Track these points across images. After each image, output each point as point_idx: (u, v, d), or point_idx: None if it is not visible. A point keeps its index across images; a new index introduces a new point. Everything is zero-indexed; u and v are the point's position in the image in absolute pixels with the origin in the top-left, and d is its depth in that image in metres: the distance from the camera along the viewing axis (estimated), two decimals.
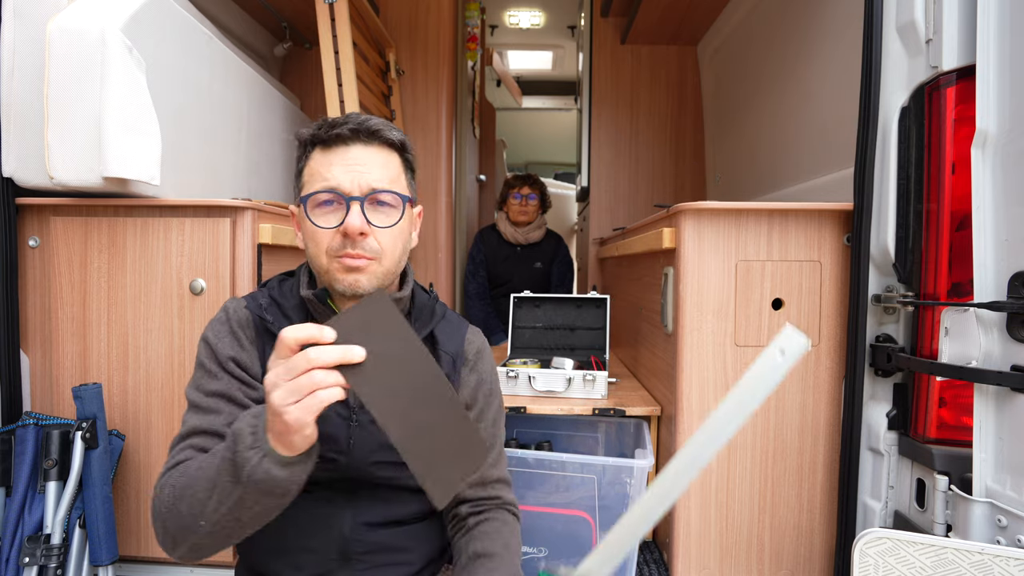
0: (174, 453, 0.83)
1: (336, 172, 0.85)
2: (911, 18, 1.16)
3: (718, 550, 1.36)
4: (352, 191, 0.85)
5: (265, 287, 0.97)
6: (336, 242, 0.85)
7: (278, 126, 2.16)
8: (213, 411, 0.85)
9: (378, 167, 0.88)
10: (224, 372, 0.87)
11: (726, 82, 2.79)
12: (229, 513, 0.71)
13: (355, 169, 0.86)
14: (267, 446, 0.67)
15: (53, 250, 1.32)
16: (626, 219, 3.19)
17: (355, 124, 0.87)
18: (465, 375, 1.00)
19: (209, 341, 0.88)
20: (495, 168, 4.41)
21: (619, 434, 1.72)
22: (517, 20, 4.51)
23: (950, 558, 0.90)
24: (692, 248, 1.35)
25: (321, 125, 0.89)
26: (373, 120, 0.89)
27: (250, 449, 0.67)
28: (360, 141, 0.87)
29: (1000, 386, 0.97)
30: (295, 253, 1.59)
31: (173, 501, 0.75)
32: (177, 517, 0.74)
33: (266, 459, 0.67)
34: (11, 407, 1.32)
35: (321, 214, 0.86)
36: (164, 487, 0.78)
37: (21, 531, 1.20)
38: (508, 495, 1.00)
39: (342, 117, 0.89)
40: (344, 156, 0.87)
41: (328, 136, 0.87)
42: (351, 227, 0.83)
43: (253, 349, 0.90)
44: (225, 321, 0.90)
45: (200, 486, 0.72)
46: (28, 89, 1.28)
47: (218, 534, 0.73)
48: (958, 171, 1.10)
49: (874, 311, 1.26)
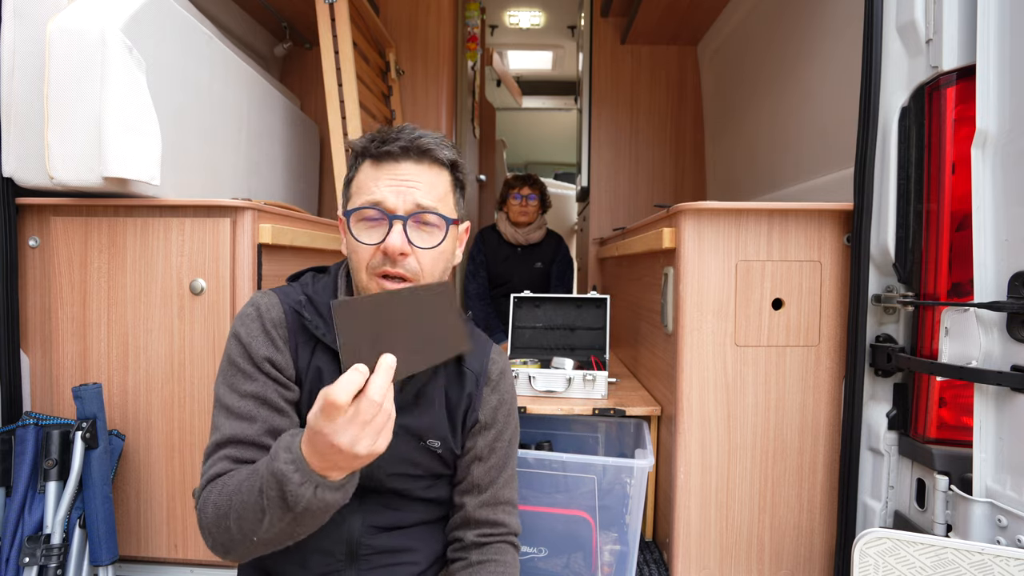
0: (210, 463, 0.82)
1: (383, 188, 0.85)
2: (911, 18, 1.16)
3: (718, 550, 1.36)
4: (396, 209, 0.84)
5: (297, 283, 0.96)
6: (376, 259, 0.85)
7: (278, 126, 2.16)
8: (247, 418, 0.84)
9: (426, 185, 0.87)
10: (260, 373, 0.85)
11: (726, 82, 2.79)
12: (283, 531, 0.72)
13: (402, 186, 0.85)
14: (317, 477, 0.68)
15: (53, 250, 1.32)
16: (626, 219, 3.19)
17: (406, 141, 0.86)
18: (487, 395, 0.99)
19: (242, 339, 0.87)
20: (495, 168, 4.41)
21: (619, 434, 1.71)
22: (517, 20, 4.51)
23: (950, 558, 0.90)
24: (692, 248, 1.35)
25: (374, 138, 0.88)
26: (426, 137, 0.88)
27: (301, 486, 0.67)
28: (410, 158, 0.87)
29: (1000, 386, 0.97)
30: (296, 253, 1.59)
31: (218, 519, 0.76)
32: (226, 533, 0.75)
33: (319, 489, 0.68)
34: (11, 407, 1.32)
35: (364, 229, 0.86)
36: (207, 504, 0.78)
37: (21, 531, 1.20)
38: (513, 522, 1.00)
39: (394, 131, 0.88)
40: (393, 172, 0.86)
41: (378, 152, 0.86)
42: (391, 247, 0.83)
43: (287, 350, 0.88)
44: (257, 318, 0.88)
45: (248, 512, 0.73)
46: (28, 89, 1.28)
47: (272, 544, 0.75)
48: (958, 171, 1.10)
49: (874, 311, 1.26)
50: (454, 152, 0.92)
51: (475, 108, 3.56)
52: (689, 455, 1.35)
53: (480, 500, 0.96)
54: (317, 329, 0.89)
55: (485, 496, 0.96)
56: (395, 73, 2.71)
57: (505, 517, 0.98)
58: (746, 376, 1.35)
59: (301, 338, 0.89)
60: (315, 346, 0.90)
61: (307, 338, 0.90)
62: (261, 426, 0.84)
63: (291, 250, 1.56)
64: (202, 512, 0.79)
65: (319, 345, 0.90)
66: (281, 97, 2.20)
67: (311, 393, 0.90)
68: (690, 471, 1.35)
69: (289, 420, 0.88)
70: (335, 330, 0.67)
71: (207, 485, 0.80)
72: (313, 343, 0.90)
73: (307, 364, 0.89)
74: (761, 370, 1.35)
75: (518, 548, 1.01)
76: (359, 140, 0.90)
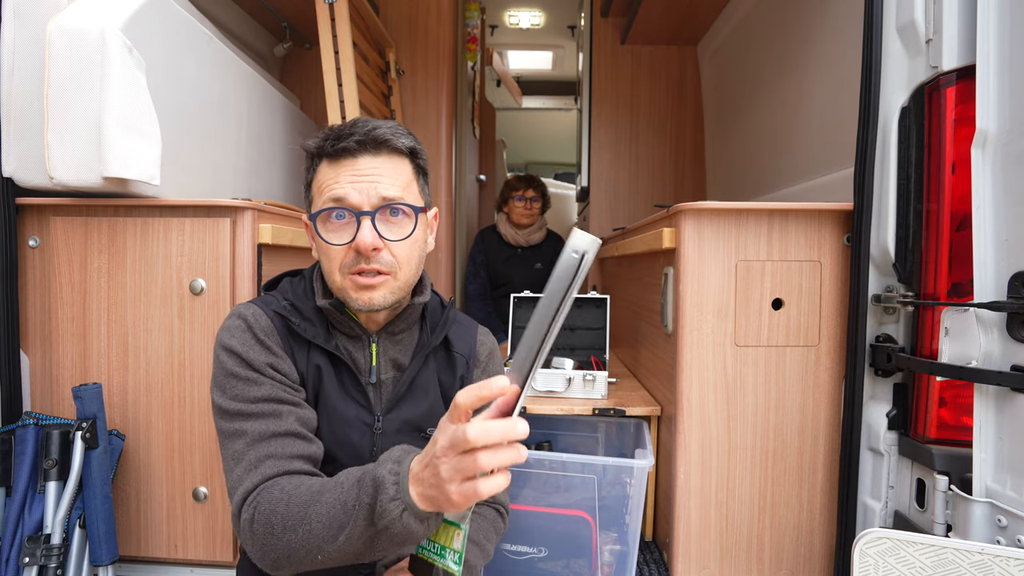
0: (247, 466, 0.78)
1: (345, 186, 0.83)
2: (911, 18, 1.16)
3: (718, 550, 1.36)
4: (362, 205, 0.82)
5: (276, 290, 0.95)
6: (349, 258, 0.83)
7: (278, 126, 2.16)
8: (271, 415, 0.81)
9: (388, 177, 0.84)
10: (265, 377, 0.83)
11: (726, 82, 2.79)
12: (353, 552, 0.69)
13: (364, 181, 0.83)
14: (408, 499, 0.64)
15: (53, 250, 1.32)
16: (626, 219, 3.19)
17: (361, 135, 0.83)
18: (478, 376, 1.01)
19: (235, 350, 0.83)
20: (495, 168, 4.41)
21: (619, 434, 1.71)
22: (517, 20, 4.51)
23: (950, 558, 0.90)
24: (692, 248, 1.35)
25: (327, 136, 0.85)
26: (381, 128, 0.85)
27: (392, 501, 0.64)
28: (368, 151, 0.84)
29: (1000, 386, 0.97)
30: (295, 253, 1.59)
31: (279, 529, 0.71)
32: (284, 546, 0.71)
33: (406, 513, 0.64)
34: (11, 407, 1.32)
35: (332, 229, 0.84)
36: (259, 508, 0.74)
37: (21, 531, 1.20)
38: (501, 495, 1.01)
39: (347, 126, 0.85)
40: (352, 168, 0.84)
41: (334, 149, 0.84)
42: (363, 244, 0.81)
43: (284, 355, 0.87)
44: (247, 329, 0.85)
45: (321, 523, 0.69)
46: (28, 89, 1.28)
47: (331, 563, 0.71)
48: (958, 171, 1.10)
49: (874, 311, 1.26)
50: (412, 139, 0.89)
51: (475, 108, 3.56)
52: (689, 455, 1.35)
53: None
54: (306, 332, 0.88)
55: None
56: (395, 73, 2.71)
57: None
58: (746, 376, 1.35)
59: (294, 343, 0.89)
60: (309, 348, 0.90)
61: (300, 342, 0.89)
62: (290, 418, 0.81)
63: (291, 250, 1.56)
64: (253, 522, 0.74)
65: (312, 347, 0.90)
66: (281, 97, 2.20)
67: (315, 392, 0.90)
68: (690, 471, 1.35)
69: (311, 412, 0.86)
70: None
71: (254, 492, 0.76)
72: (307, 346, 0.90)
73: (306, 365, 0.89)
74: (761, 370, 1.35)
75: (503, 516, 1.01)
76: (312, 140, 0.87)
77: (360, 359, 0.92)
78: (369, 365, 0.92)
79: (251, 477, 0.77)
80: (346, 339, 0.92)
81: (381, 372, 0.93)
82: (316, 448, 0.84)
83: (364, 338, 0.92)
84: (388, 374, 0.94)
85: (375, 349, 0.93)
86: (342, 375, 0.91)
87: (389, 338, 0.94)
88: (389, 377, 0.94)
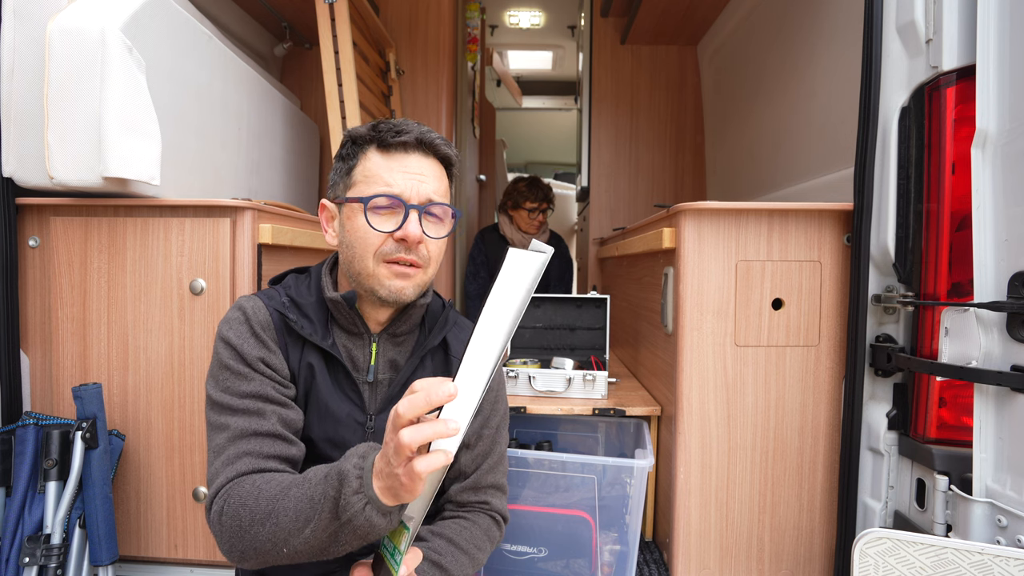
0: (224, 461, 0.80)
1: (398, 178, 0.87)
2: (911, 18, 1.16)
3: (718, 550, 1.36)
4: (412, 199, 0.87)
5: (280, 285, 0.97)
6: (389, 246, 0.87)
7: (278, 126, 2.16)
8: (255, 413, 0.83)
9: (434, 179, 0.90)
10: (255, 373, 0.86)
11: (726, 82, 2.79)
12: (318, 546, 0.71)
13: (415, 178, 0.88)
14: (372, 492, 0.67)
15: (53, 250, 1.32)
16: (626, 219, 3.19)
17: (419, 134, 0.89)
18: None
19: (231, 342, 0.86)
20: (495, 168, 4.41)
21: (619, 434, 1.72)
22: (517, 20, 4.51)
23: (950, 558, 0.90)
24: (692, 248, 1.35)
25: (382, 127, 0.89)
26: (432, 132, 0.91)
27: (356, 494, 0.67)
28: (420, 151, 0.89)
29: (1000, 386, 0.97)
30: (295, 253, 1.59)
31: (246, 522, 0.74)
32: (252, 540, 0.74)
33: (369, 506, 0.67)
34: (11, 407, 1.32)
35: (376, 216, 0.87)
36: (229, 501, 0.76)
37: (21, 531, 1.20)
38: (498, 503, 1.00)
39: (399, 123, 0.90)
40: (404, 163, 0.88)
41: (393, 141, 0.88)
42: (412, 235, 0.85)
43: (278, 350, 0.89)
44: (245, 322, 0.88)
45: (287, 516, 0.72)
46: (28, 89, 1.28)
47: (296, 557, 0.74)
48: (958, 171, 1.10)
49: (874, 311, 1.26)
50: (453, 150, 0.95)
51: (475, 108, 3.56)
52: (689, 455, 1.35)
53: (462, 486, 0.98)
54: (303, 330, 0.90)
55: (468, 482, 0.98)
56: (395, 73, 2.71)
57: (488, 497, 0.99)
58: (746, 376, 1.35)
59: (289, 339, 0.90)
60: (303, 345, 0.91)
61: (295, 338, 0.91)
62: (273, 418, 0.84)
63: (291, 250, 1.56)
64: (223, 515, 0.76)
65: (307, 344, 0.91)
66: (281, 97, 2.20)
67: (306, 389, 0.91)
68: (690, 471, 1.35)
69: (297, 412, 0.88)
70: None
71: (226, 486, 0.78)
72: (301, 343, 0.91)
73: (299, 362, 0.91)
74: (761, 370, 1.35)
75: (499, 525, 1.01)
76: (362, 127, 0.91)
77: (359, 357, 0.94)
78: (367, 364, 0.94)
79: (226, 472, 0.80)
80: (346, 336, 0.94)
81: (379, 372, 0.94)
82: (296, 451, 0.86)
83: (365, 336, 0.94)
84: (385, 374, 0.95)
85: (375, 348, 0.94)
86: (337, 373, 0.92)
87: (390, 339, 0.95)
88: (386, 377, 0.95)
